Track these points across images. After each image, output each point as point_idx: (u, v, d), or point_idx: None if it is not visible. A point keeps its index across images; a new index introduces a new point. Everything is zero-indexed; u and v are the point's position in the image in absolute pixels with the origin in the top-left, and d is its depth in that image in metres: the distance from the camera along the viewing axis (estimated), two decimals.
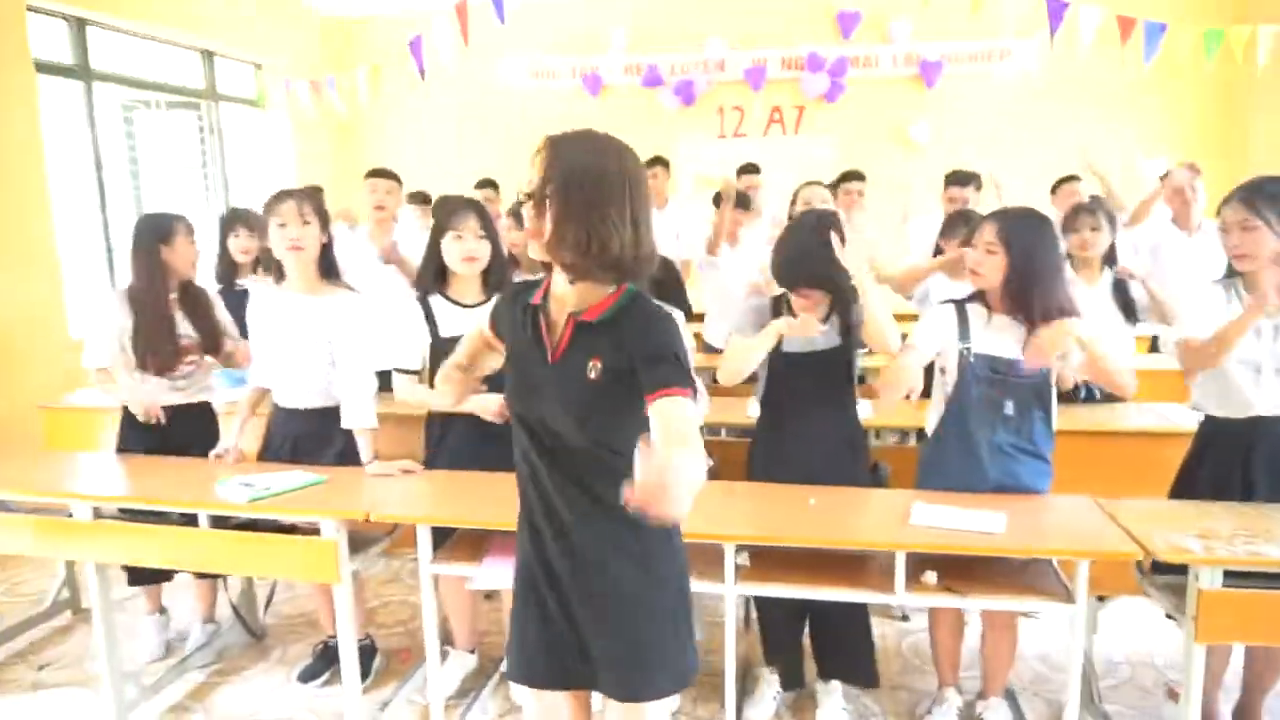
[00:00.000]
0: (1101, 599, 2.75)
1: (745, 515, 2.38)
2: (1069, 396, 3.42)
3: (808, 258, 2.40)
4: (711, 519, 2.26)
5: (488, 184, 5.65)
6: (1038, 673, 2.95)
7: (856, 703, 2.77)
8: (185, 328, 2.96)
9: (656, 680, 1.56)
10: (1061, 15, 4.23)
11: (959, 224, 3.45)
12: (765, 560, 2.33)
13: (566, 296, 1.50)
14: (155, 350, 2.88)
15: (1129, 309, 3.23)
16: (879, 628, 3.28)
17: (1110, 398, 3.42)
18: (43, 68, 4.96)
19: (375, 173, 4.10)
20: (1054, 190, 4.70)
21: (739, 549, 2.28)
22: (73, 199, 5.24)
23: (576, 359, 1.48)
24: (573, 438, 1.49)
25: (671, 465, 1.12)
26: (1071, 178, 4.54)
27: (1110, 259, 3.36)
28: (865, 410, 3.27)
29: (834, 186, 4.67)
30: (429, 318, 2.62)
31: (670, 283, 3.56)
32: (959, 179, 4.30)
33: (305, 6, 7.16)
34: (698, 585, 2.26)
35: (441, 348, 2.49)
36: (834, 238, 2.35)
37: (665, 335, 1.46)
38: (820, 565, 2.26)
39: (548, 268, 1.52)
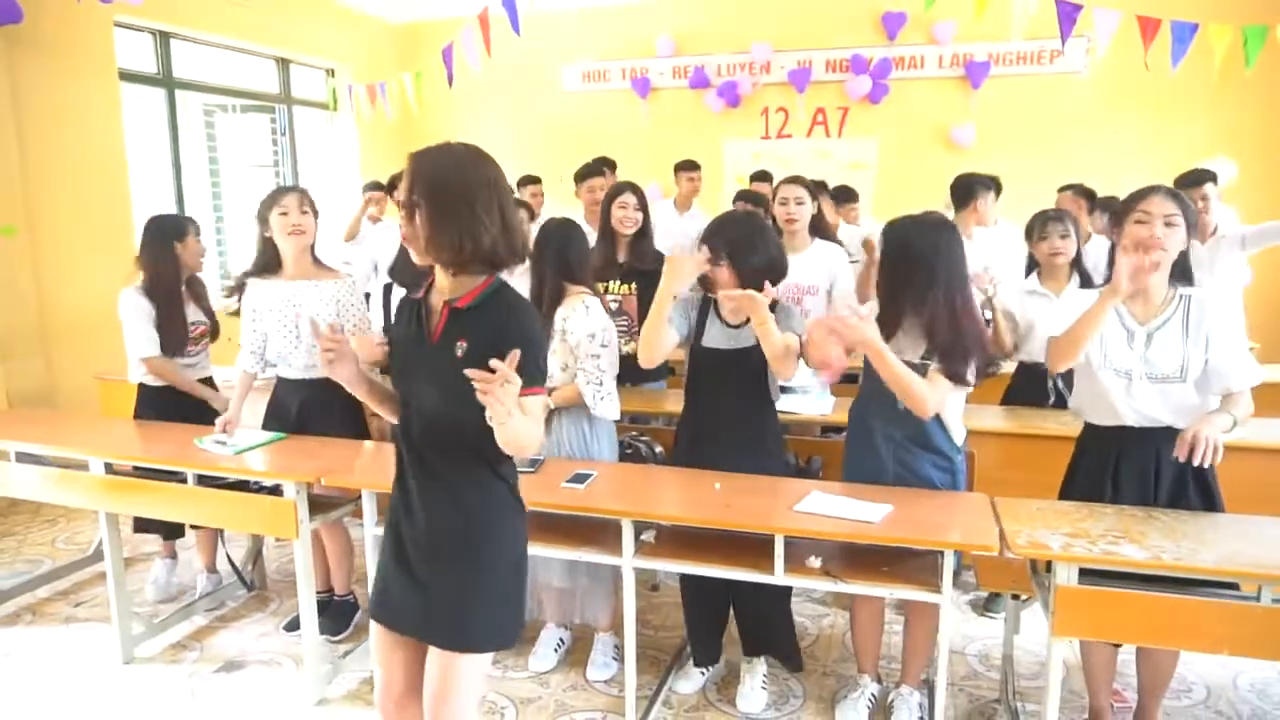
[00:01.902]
0: (1017, 598, 2.78)
1: (652, 496, 2.56)
2: (1039, 401, 3.44)
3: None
4: (615, 497, 2.46)
5: (532, 180, 5.92)
6: (971, 669, 3.00)
7: (780, 684, 2.89)
8: (196, 314, 3.40)
9: (473, 634, 1.72)
10: (1073, 19, 4.17)
11: None
12: (674, 540, 2.50)
13: (445, 287, 1.73)
14: (172, 334, 3.30)
15: None
16: (831, 617, 3.40)
17: None
18: (129, 77, 5.54)
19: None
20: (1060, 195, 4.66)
21: (643, 526, 2.46)
22: (155, 197, 5.81)
23: (449, 341, 1.69)
24: (437, 410, 1.70)
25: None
26: (1075, 185, 4.48)
27: (1079, 266, 3.35)
28: (826, 406, 3.41)
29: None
30: (385, 304, 2.91)
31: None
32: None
33: (375, 14, 7.63)
34: (600, 557, 2.47)
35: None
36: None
37: (523, 327, 1.67)
38: (725, 547, 2.42)
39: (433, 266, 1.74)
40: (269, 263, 3.04)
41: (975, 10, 4.11)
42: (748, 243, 2.53)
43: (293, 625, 3.28)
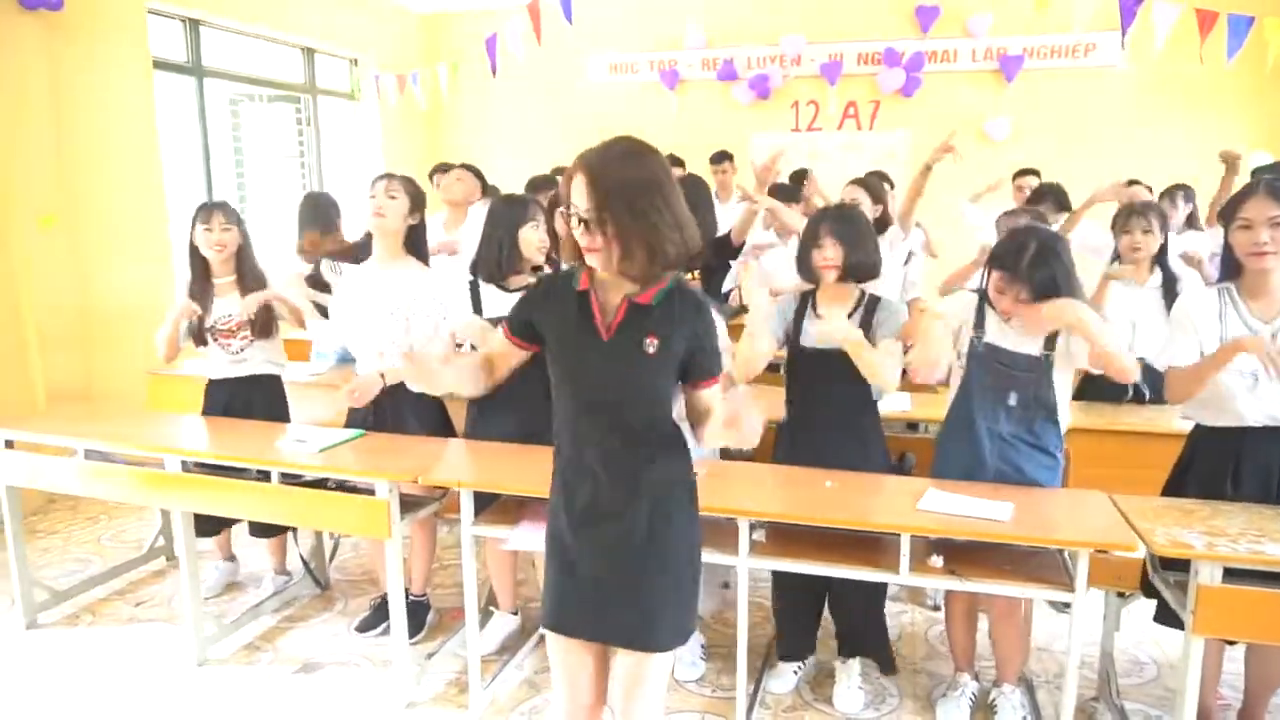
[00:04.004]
0: (1122, 596, 2.75)
1: (764, 495, 2.51)
2: (1118, 396, 3.41)
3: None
4: (730, 496, 2.41)
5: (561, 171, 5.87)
6: (1063, 666, 2.93)
7: (874, 683, 2.86)
8: (230, 307, 3.21)
9: (662, 634, 1.70)
10: (1134, 11, 4.14)
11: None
12: (782, 538, 2.45)
13: (617, 282, 1.64)
14: (193, 322, 3.21)
15: None
16: (909, 614, 3.37)
17: (1159, 400, 3.39)
18: (160, 65, 5.42)
19: (463, 167, 4.40)
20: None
21: (755, 525, 2.41)
22: (183, 185, 5.70)
23: (631, 336, 1.63)
24: (619, 406, 1.65)
25: (746, 402, 1.54)
26: (1135, 181, 4.45)
27: (1161, 260, 3.33)
28: (904, 403, 3.36)
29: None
30: (475, 298, 2.85)
31: (719, 269, 3.69)
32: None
33: (399, 4, 7.53)
34: (714, 556, 2.42)
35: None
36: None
37: (710, 324, 1.67)
38: (833, 546, 2.38)
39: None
40: (366, 250, 2.98)
41: (1037, 4, 4.07)
42: (858, 234, 2.50)
43: (365, 626, 3.21)
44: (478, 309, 2.86)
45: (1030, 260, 2.26)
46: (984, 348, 2.43)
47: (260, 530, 3.39)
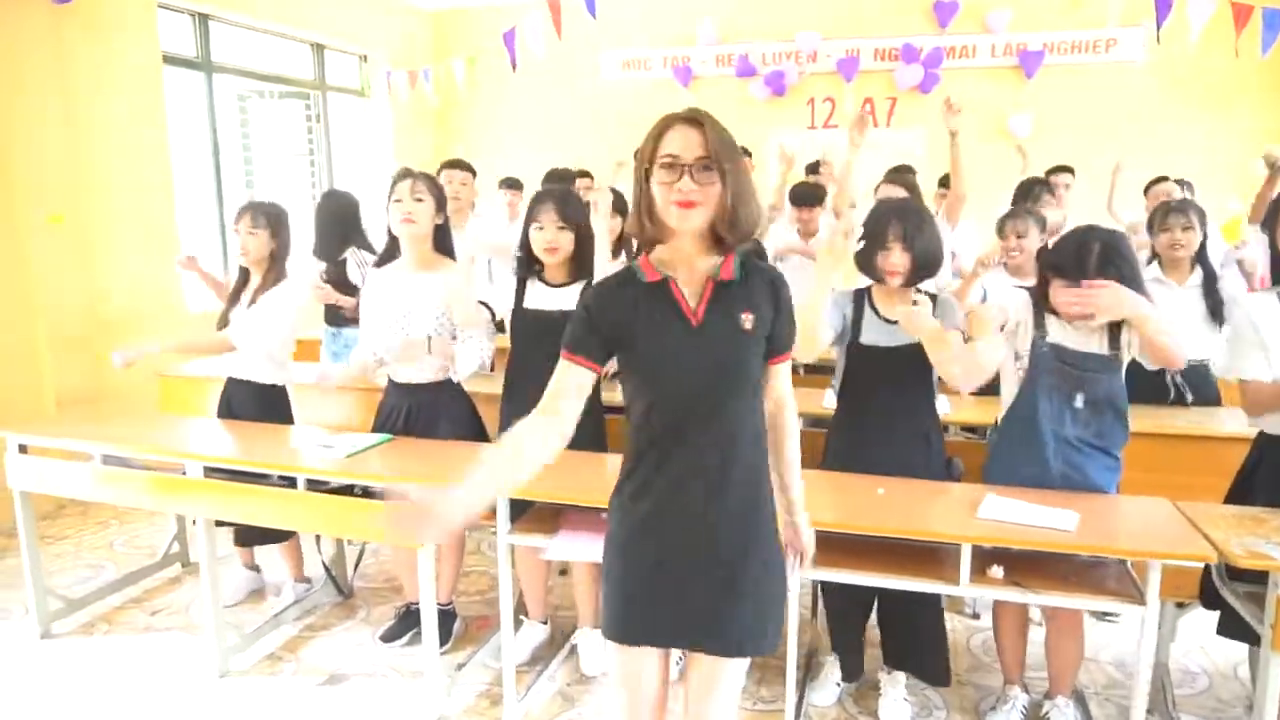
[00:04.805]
0: (1180, 605, 2.67)
1: (815, 502, 2.40)
2: (1159, 398, 3.32)
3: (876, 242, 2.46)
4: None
5: (583, 174, 5.75)
6: (1111, 678, 2.89)
7: (920, 695, 2.77)
8: (243, 312, 3.16)
9: (765, 639, 1.63)
10: (1170, 4, 4.06)
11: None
12: (833, 548, 2.36)
13: (690, 263, 1.56)
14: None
15: (1216, 311, 3.12)
16: (949, 623, 3.27)
17: (1202, 401, 3.30)
18: (169, 60, 5.32)
19: (450, 164, 4.26)
20: (1146, 191, 4.54)
21: None
22: (192, 182, 5.60)
23: (723, 316, 1.55)
24: (712, 395, 1.54)
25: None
26: (1163, 178, 4.37)
27: (1201, 259, 3.24)
28: (944, 406, 3.27)
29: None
30: (520, 291, 2.77)
31: None
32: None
33: (409, 2, 7.42)
34: None
35: (522, 316, 2.75)
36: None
37: (789, 294, 1.62)
38: (888, 555, 2.29)
39: (646, 246, 1.58)
40: (393, 253, 2.87)
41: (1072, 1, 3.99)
42: (926, 235, 2.42)
43: (390, 635, 3.12)
44: (521, 304, 2.77)
45: (1097, 263, 2.17)
46: (1048, 348, 2.34)
47: (243, 539, 3.32)
